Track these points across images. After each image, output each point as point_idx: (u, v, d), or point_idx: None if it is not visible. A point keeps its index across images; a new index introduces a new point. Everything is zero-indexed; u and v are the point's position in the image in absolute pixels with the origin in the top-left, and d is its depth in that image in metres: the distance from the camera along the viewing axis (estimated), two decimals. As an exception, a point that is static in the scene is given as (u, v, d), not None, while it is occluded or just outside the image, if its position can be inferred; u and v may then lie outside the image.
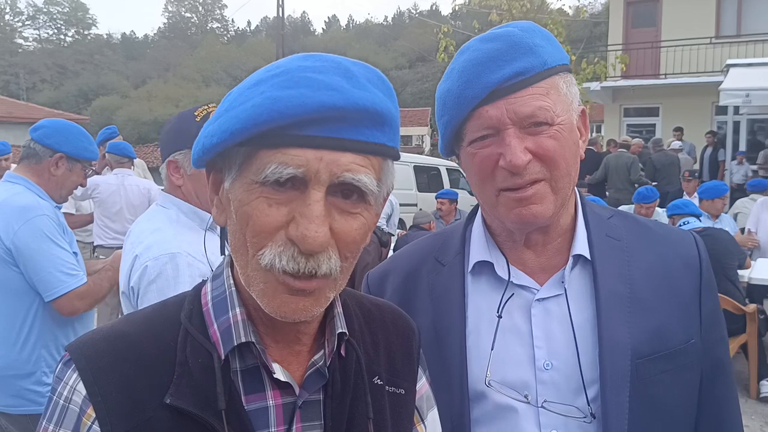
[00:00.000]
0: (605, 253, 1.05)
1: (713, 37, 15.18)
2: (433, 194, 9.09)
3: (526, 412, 1.00)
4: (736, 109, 12.43)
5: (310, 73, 0.67)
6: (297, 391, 0.76)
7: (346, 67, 0.70)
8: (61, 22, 75.94)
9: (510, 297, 1.05)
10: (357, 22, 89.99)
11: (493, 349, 1.02)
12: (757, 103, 10.74)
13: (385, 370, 0.86)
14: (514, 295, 1.05)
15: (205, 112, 1.71)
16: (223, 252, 0.83)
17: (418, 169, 13.30)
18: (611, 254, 1.06)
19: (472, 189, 1.07)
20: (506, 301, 1.05)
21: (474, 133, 0.99)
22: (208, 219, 1.72)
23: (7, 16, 73.22)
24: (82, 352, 0.72)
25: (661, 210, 6.58)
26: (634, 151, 10.87)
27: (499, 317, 1.04)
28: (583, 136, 1.05)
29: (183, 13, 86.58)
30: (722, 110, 13.39)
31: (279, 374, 0.74)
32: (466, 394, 1.02)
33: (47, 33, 75.70)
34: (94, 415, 0.69)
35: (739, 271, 5.10)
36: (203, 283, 0.82)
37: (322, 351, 0.79)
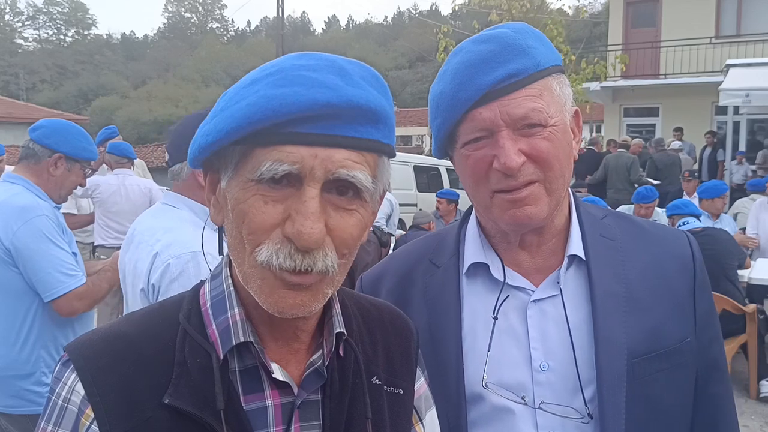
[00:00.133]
0: (600, 253, 1.06)
1: (713, 37, 15.17)
2: (433, 194, 9.06)
3: (523, 413, 1.00)
4: (736, 109, 12.42)
5: (304, 72, 0.68)
6: (296, 391, 0.76)
7: (341, 66, 0.70)
8: (61, 23, 75.87)
9: (506, 298, 1.05)
10: (357, 22, 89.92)
11: (489, 350, 1.02)
12: (757, 103, 10.73)
13: (384, 370, 0.86)
14: (510, 296, 1.05)
15: None
16: (221, 252, 0.83)
17: (418, 169, 13.28)
18: (606, 254, 1.06)
19: (466, 191, 1.07)
20: (502, 303, 1.05)
21: (467, 135, 0.99)
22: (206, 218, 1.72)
23: (7, 16, 73.17)
24: (81, 353, 0.72)
25: (661, 210, 6.58)
26: (634, 151, 10.87)
27: (495, 319, 1.04)
28: (576, 137, 1.05)
29: (183, 14, 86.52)
30: (722, 110, 13.38)
31: (278, 374, 0.74)
32: (463, 397, 1.02)
33: (47, 33, 75.71)
34: (93, 416, 0.69)
35: (739, 271, 5.10)
36: (202, 284, 0.82)
37: (321, 351, 0.79)
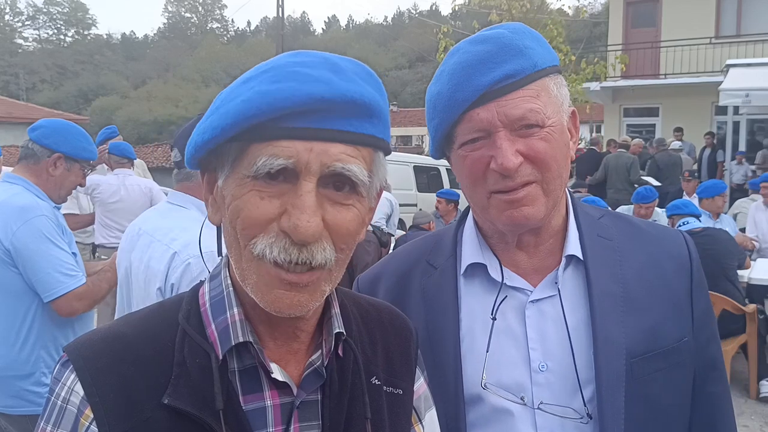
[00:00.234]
0: (597, 253, 1.06)
1: (713, 37, 15.17)
2: (433, 194, 9.06)
3: (522, 414, 1.00)
4: (736, 109, 12.41)
5: (298, 68, 0.69)
6: (295, 391, 0.76)
7: (334, 62, 0.71)
8: (61, 23, 75.87)
9: (504, 299, 1.05)
10: (357, 23, 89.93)
11: (488, 351, 1.02)
12: (757, 103, 10.72)
13: (383, 370, 0.86)
14: (508, 296, 1.05)
15: None
16: (220, 252, 0.83)
17: (418, 169, 13.28)
18: (603, 254, 1.06)
19: (463, 191, 1.07)
20: (500, 303, 1.05)
21: (465, 136, 0.99)
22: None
23: (7, 17, 73.18)
24: (80, 353, 0.72)
25: (661, 210, 6.58)
26: (634, 152, 10.87)
27: (494, 319, 1.04)
28: (573, 138, 1.05)
29: (183, 14, 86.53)
30: (722, 110, 13.37)
31: (277, 374, 0.75)
32: (462, 398, 1.02)
33: (47, 33, 75.71)
34: (92, 416, 0.69)
35: (739, 271, 5.09)
36: (201, 284, 0.82)
37: (320, 351, 0.79)
